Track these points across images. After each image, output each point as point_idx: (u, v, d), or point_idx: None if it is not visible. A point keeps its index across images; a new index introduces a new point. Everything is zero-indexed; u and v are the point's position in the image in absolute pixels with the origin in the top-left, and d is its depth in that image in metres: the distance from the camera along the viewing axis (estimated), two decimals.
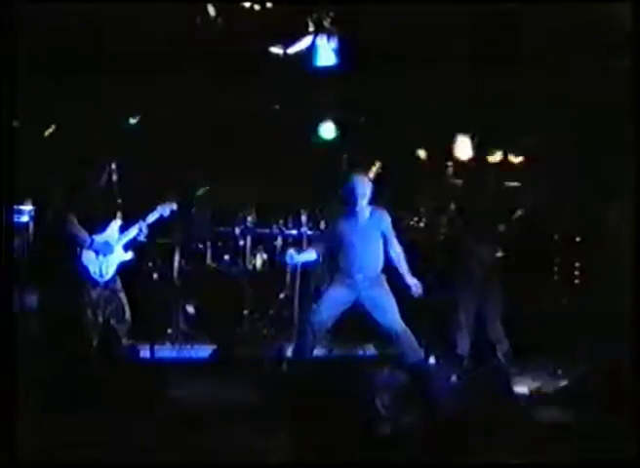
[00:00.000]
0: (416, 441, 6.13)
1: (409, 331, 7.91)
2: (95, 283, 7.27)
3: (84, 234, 7.23)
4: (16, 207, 8.35)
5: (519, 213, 8.29)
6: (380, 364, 7.71)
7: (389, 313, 7.85)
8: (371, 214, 7.91)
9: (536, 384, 7.86)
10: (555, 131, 9.67)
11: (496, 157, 10.21)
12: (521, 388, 7.42)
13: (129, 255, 7.55)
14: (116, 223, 7.50)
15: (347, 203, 7.96)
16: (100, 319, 7.29)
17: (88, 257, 7.25)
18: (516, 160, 10.26)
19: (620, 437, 5.87)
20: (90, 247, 7.25)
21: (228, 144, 9.87)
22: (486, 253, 8.48)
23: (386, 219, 8.00)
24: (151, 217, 7.75)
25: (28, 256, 8.63)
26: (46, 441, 5.61)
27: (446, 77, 8.83)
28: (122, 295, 7.48)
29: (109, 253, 7.36)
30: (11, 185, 5.86)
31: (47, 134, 9.08)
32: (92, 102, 8.81)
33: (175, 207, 8.10)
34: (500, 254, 8.52)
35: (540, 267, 9.01)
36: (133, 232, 7.59)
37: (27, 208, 8.63)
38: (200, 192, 9.84)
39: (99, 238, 7.31)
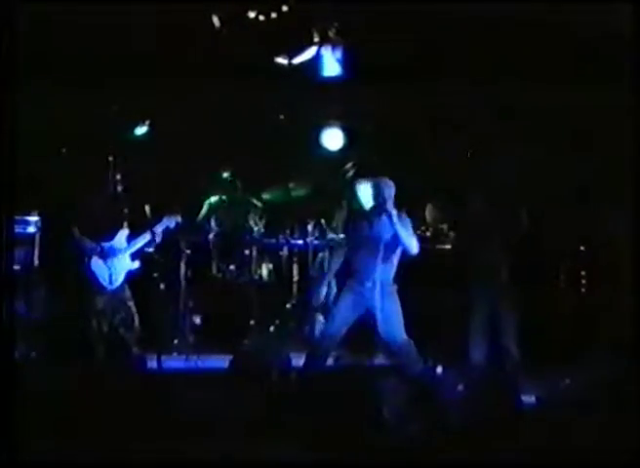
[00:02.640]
0: (422, 449, 6.16)
1: (411, 344, 7.89)
2: (103, 289, 7.31)
3: (91, 242, 7.28)
4: (21, 217, 8.41)
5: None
6: (387, 373, 7.72)
7: (393, 326, 7.82)
8: (385, 221, 7.93)
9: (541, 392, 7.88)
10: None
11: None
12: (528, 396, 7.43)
13: (136, 265, 7.59)
14: (123, 233, 7.53)
15: (367, 210, 7.98)
16: (107, 328, 7.32)
17: (96, 264, 7.29)
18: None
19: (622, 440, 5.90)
20: (98, 253, 7.29)
21: (233, 154, 9.91)
22: (498, 262, 8.46)
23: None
24: (158, 228, 7.80)
25: (36, 265, 8.67)
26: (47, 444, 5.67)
27: (450, 88, 8.85)
28: (131, 304, 7.52)
29: (114, 255, 7.40)
30: (12, 196, 5.88)
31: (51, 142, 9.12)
32: (96, 109, 8.85)
33: (180, 219, 8.15)
34: (512, 265, 8.51)
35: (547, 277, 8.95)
36: (141, 242, 7.63)
37: (33, 218, 8.68)
38: (207, 202, 9.89)
39: (105, 245, 7.36)
